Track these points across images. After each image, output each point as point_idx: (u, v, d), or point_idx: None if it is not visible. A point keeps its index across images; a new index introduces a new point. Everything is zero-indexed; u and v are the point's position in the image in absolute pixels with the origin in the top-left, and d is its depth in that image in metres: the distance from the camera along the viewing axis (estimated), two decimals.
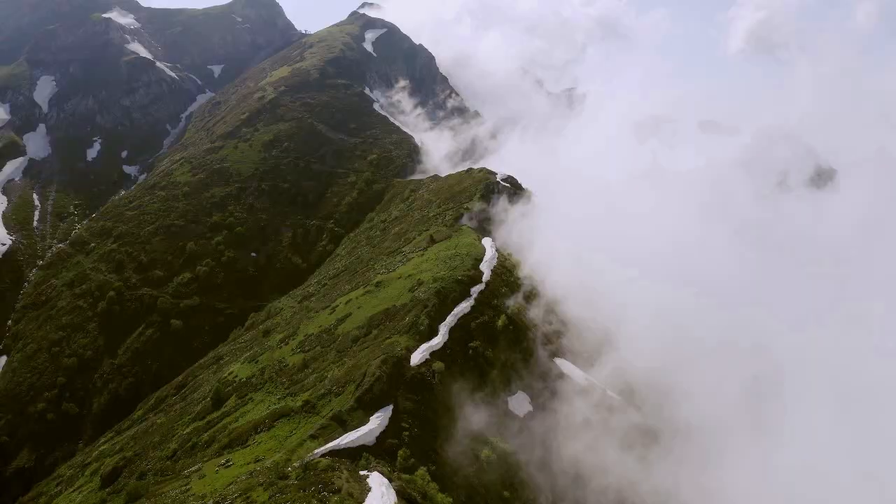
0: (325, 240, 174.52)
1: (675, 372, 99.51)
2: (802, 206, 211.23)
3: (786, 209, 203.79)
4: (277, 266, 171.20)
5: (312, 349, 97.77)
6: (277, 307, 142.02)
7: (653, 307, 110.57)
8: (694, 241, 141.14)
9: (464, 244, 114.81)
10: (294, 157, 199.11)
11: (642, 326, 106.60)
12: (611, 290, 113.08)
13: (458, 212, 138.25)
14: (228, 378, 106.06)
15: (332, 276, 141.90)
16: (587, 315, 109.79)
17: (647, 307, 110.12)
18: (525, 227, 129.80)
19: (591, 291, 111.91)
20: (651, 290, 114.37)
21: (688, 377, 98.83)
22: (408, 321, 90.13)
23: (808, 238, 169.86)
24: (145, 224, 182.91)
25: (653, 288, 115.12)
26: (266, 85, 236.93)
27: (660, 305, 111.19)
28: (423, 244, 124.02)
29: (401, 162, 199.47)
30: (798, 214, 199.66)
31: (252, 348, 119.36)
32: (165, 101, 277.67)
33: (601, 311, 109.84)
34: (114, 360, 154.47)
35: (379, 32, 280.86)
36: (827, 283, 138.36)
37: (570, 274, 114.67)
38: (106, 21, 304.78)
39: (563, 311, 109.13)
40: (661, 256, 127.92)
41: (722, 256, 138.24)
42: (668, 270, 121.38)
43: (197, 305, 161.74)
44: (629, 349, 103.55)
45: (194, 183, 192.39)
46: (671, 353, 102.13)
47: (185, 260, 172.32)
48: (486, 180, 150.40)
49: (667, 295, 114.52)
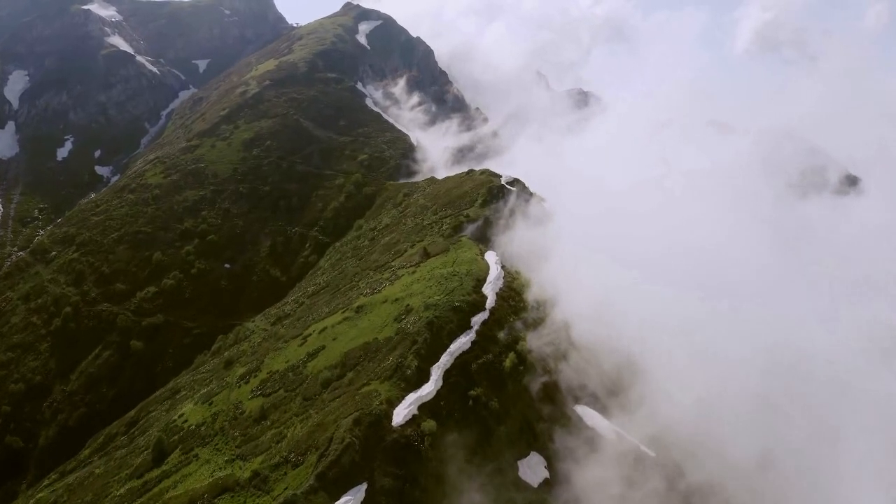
0: (308, 250, 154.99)
1: (718, 408, 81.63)
2: (822, 210, 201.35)
3: (804, 212, 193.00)
4: (254, 279, 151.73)
5: (275, 392, 78.89)
6: (248, 329, 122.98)
7: (682, 326, 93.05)
8: (720, 247, 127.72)
9: (463, 260, 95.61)
10: (277, 156, 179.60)
11: (670, 350, 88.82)
12: (634, 307, 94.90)
13: (456, 220, 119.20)
14: (177, 422, 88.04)
15: (312, 293, 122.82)
16: (609, 341, 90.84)
17: (676, 328, 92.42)
18: (535, 238, 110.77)
19: (611, 311, 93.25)
20: (679, 305, 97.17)
21: (733, 415, 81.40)
22: (391, 362, 71.12)
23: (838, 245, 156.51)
24: (110, 231, 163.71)
25: (681, 302, 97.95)
26: (250, 79, 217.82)
27: (689, 321, 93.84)
28: (415, 258, 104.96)
29: (394, 163, 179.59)
30: (820, 218, 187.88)
31: (211, 382, 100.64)
32: (145, 96, 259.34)
33: (624, 334, 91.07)
34: (65, 387, 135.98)
35: (374, 24, 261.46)
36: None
37: (588, 293, 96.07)
38: (85, 12, 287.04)
39: (580, 337, 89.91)
40: (687, 265, 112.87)
41: (756, 264, 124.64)
42: (695, 280, 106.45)
43: (161, 324, 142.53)
44: (659, 382, 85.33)
45: (166, 185, 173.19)
46: (708, 383, 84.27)
47: (150, 272, 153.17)
48: (489, 183, 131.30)
49: (697, 310, 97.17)
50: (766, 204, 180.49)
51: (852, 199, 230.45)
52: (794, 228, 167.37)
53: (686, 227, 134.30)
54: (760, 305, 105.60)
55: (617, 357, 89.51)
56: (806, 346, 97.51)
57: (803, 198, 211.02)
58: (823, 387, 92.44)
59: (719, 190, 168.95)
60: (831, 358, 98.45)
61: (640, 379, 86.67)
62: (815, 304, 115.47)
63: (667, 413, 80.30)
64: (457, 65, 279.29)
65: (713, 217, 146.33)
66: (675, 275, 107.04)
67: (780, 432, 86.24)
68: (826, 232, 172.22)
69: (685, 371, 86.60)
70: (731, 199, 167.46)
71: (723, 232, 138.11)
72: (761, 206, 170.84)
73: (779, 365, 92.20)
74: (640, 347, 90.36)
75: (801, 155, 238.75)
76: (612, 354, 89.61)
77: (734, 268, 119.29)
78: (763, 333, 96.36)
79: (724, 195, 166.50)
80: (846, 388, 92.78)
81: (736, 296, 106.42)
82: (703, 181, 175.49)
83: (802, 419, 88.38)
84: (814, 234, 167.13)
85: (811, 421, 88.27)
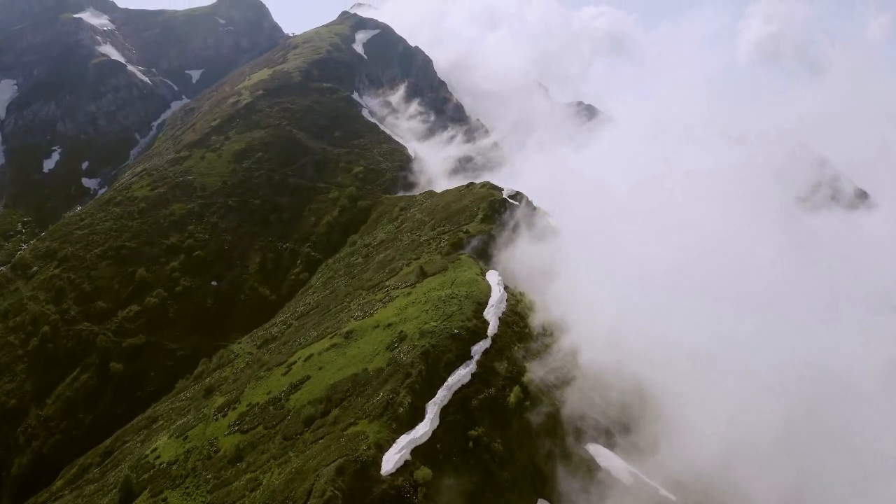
0: (299, 266, 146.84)
1: (743, 443, 74.04)
2: (834, 223, 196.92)
3: (815, 224, 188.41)
4: (242, 298, 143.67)
5: (253, 429, 71.01)
6: (232, 353, 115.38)
7: (701, 347, 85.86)
8: (735, 260, 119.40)
9: (463, 281, 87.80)
10: (268, 169, 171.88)
11: (690, 376, 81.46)
12: (649, 328, 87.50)
13: (455, 236, 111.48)
14: (149, 458, 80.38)
15: (301, 314, 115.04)
16: (622, 368, 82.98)
17: (695, 350, 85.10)
18: (540, 255, 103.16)
19: (624, 334, 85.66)
20: (697, 324, 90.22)
21: (760, 449, 73.85)
22: (381, 398, 63.24)
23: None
24: (94, 246, 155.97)
25: (699, 320, 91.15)
26: (242, 89, 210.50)
27: (709, 342, 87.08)
28: (411, 278, 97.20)
29: (391, 175, 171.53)
30: (832, 231, 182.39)
31: (188, 412, 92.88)
32: (135, 107, 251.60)
33: (639, 359, 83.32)
34: (41, 412, 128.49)
35: (371, 33, 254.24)
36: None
37: (598, 315, 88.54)
38: (76, 21, 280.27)
39: (591, 365, 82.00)
40: (702, 279, 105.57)
41: (773, 277, 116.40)
42: (712, 295, 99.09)
43: (142, 345, 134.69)
44: (678, 414, 77.74)
45: (152, 198, 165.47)
46: (732, 413, 76.83)
47: (133, 289, 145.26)
48: (491, 197, 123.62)
49: (717, 328, 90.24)
50: (778, 216, 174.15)
51: (863, 212, 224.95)
52: (807, 241, 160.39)
53: (698, 239, 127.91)
54: (783, 321, 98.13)
55: (631, 386, 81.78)
56: (836, 367, 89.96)
57: (814, 210, 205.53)
58: (856, 412, 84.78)
59: (731, 203, 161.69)
60: (863, 379, 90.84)
61: (658, 411, 78.98)
62: (838, 319, 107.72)
63: (687, 450, 72.46)
64: (456, 74, 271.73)
65: (726, 229, 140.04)
66: (690, 291, 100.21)
67: (811, 468, 78.62)
68: (839, 245, 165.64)
69: (706, 399, 79.06)
70: (744, 210, 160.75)
71: (736, 245, 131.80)
72: (773, 218, 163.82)
73: (808, 390, 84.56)
74: (656, 374, 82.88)
75: (810, 166, 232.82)
76: (626, 383, 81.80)
77: (751, 283, 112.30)
78: (789, 353, 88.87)
79: (735, 207, 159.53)
80: (882, 412, 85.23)
81: (756, 312, 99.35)
82: (713, 193, 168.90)
83: (835, 452, 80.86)
84: (827, 247, 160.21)
85: (845, 454, 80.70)
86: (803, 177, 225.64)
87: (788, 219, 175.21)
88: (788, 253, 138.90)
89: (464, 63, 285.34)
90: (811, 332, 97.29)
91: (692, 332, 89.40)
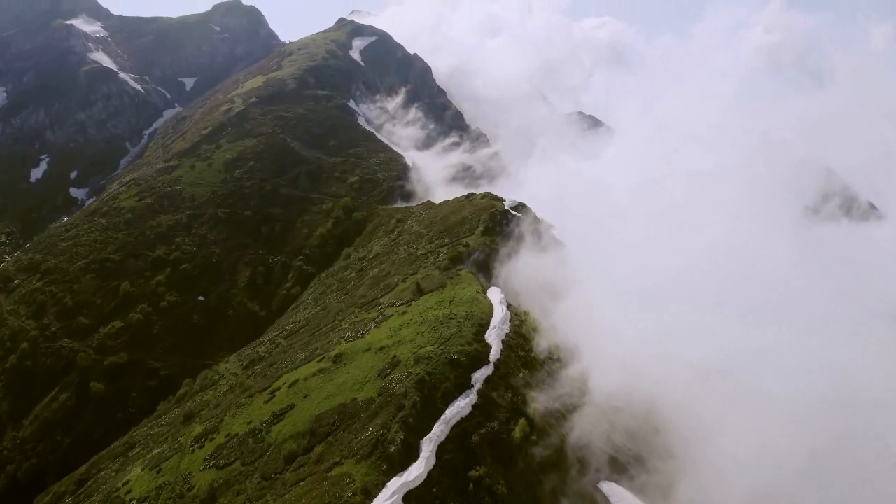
0: (291, 281, 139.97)
1: (776, 479, 67.18)
2: (846, 234, 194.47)
3: (827, 235, 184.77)
4: (230, 313, 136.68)
5: (230, 465, 64.11)
6: (217, 374, 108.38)
7: (725, 366, 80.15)
8: (752, 270, 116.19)
9: (462, 299, 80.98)
10: (260, 178, 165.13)
11: (713, 400, 74.77)
12: (666, 347, 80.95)
13: (455, 250, 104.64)
14: (120, 493, 73.94)
15: (290, 332, 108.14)
16: (639, 394, 76.06)
17: (718, 369, 78.91)
18: (545, 271, 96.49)
19: (640, 356, 78.94)
20: (718, 339, 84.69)
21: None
22: (371, 434, 56.36)
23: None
24: (77, 258, 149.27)
25: (720, 334, 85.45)
26: (235, 96, 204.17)
27: (733, 359, 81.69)
28: (406, 295, 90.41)
29: (387, 185, 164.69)
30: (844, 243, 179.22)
31: (166, 439, 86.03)
32: (127, 115, 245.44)
33: (657, 384, 76.49)
34: (17, 433, 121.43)
35: (368, 40, 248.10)
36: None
37: (611, 335, 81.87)
38: (67, 27, 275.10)
39: (604, 393, 75.06)
40: (719, 291, 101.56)
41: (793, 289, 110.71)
42: (731, 308, 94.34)
43: (125, 364, 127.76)
44: (702, 445, 70.97)
45: (139, 209, 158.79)
46: (763, 442, 69.92)
47: (117, 304, 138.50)
48: (492, 208, 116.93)
49: (741, 343, 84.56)
50: (789, 225, 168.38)
51: (874, 223, 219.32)
52: (820, 251, 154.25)
53: (709, 250, 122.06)
54: (804, 335, 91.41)
55: (646, 413, 74.94)
56: (861, 384, 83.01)
57: (825, 220, 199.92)
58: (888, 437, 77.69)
59: (742, 212, 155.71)
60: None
61: (676, 441, 72.19)
62: (861, 332, 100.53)
63: (712, 488, 65.56)
64: (456, 82, 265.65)
65: (737, 239, 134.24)
66: (704, 305, 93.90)
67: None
68: (852, 256, 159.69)
69: (733, 426, 72.35)
70: (755, 219, 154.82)
71: (749, 255, 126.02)
72: (785, 228, 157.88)
73: (834, 412, 77.56)
74: (673, 397, 76.10)
75: (818, 175, 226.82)
76: (641, 410, 74.94)
77: (766, 295, 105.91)
78: (813, 372, 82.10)
79: (746, 216, 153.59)
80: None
81: (775, 325, 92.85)
82: (722, 202, 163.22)
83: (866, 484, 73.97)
84: (840, 258, 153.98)
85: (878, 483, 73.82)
86: (812, 186, 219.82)
87: (800, 229, 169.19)
88: (803, 264, 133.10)
89: (464, 71, 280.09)
90: (832, 346, 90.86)
91: (710, 351, 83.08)
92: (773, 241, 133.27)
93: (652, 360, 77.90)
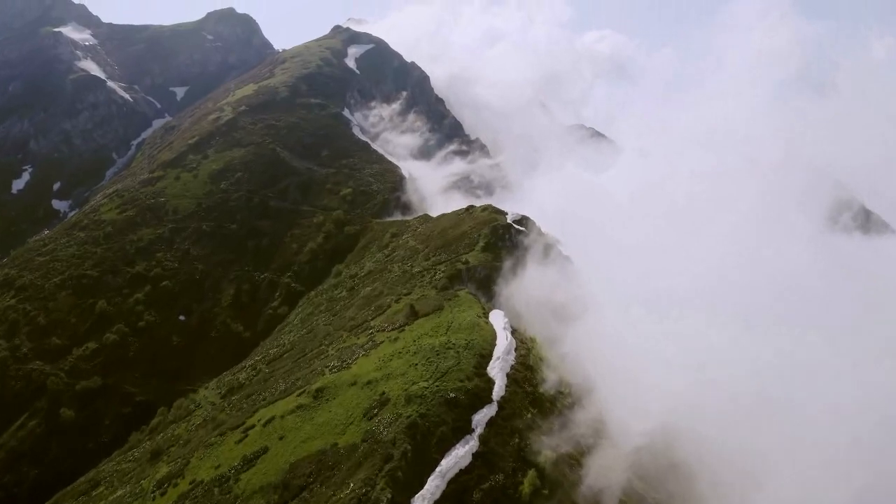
0: (278, 300, 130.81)
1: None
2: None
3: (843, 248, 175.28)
4: (212, 334, 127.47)
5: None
6: (194, 402, 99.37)
7: (761, 390, 72.15)
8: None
9: (461, 324, 71.89)
10: (247, 190, 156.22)
11: (751, 434, 66.25)
12: (693, 374, 72.19)
13: (453, 267, 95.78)
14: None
15: (273, 357, 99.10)
16: (666, 430, 66.79)
17: (753, 396, 70.94)
18: (553, 290, 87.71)
19: (663, 387, 69.98)
20: (749, 358, 76.97)
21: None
22: (353, 491, 47.25)
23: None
24: (53, 274, 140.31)
25: (750, 353, 77.80)
26: (225, 105, 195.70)
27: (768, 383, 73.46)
28: (399, 318, 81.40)
29: (382, 198, 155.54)
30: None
31: (131, 478, 76.83)
32: (114, 125, 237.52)
33: (685, 417, 67.45)
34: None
35: (365, 48, 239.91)
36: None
37: (629, 363, 73.09)
38: (55, 35, 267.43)
39: (624, 432, 65.89)
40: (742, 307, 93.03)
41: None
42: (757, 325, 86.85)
43: (98, 389, 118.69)
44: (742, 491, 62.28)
45: (120, 222, 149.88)
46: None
47: (92, 323, 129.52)
48: (493, 222, 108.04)
49: (773, 366, 76.00)
50: (809, 239, 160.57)
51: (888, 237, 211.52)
52: (841, 264, 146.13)
53: (724, 263, 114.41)
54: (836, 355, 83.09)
55: (675, 454, 65.83)
56: None
57: (843, 232, 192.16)
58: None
59: (757, 225, 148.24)
60: None
61: (708, 487, 63.18)
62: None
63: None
64: (456, 92, 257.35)
65: (755, 250, 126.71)
66: (734, 317, 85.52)
67: None
68: (870, 269, 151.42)
69: (772, 467, 63.63)
70: (771, 231, 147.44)
71: (767, 268, 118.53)
72: (808, 241, 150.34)
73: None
74: (707, 431, 67.11)
75: (828, 188, 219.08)
76: (669, 451, 65.79)
77: (800, 305, 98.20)
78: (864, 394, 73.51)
79: (762, 229, 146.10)
80: None
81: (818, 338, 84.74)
82: (734, 214, 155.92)
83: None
84: (861, 271, 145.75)
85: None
86: (824, 198, 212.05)
87: (825, 243, 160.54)
88: (830, 275, 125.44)
89: (463, 81, 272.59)
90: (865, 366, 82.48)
91: (743, 371, 74.41)
92: (799, 254, 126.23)
93: (678, 387, 69.07)
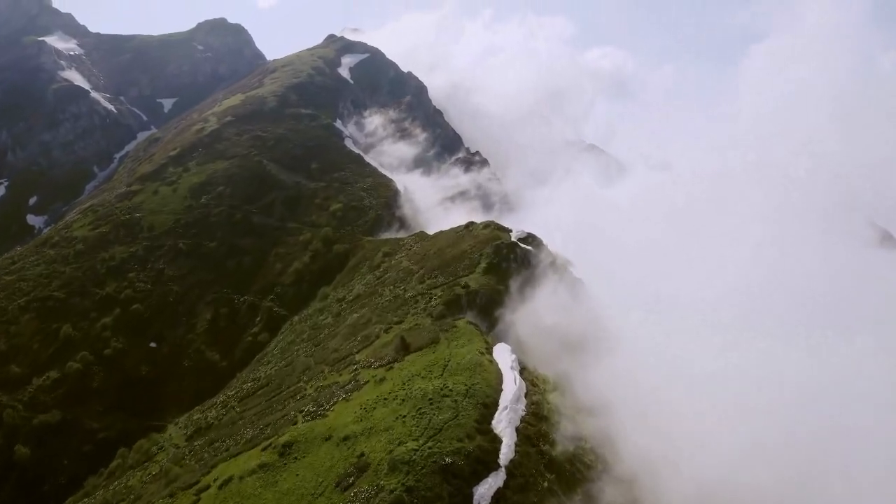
0: (259, 325, 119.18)
1: None
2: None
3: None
4: (185, 364, 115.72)
5: None
6: (156, 443, 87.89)
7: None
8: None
9: (460, 363, 60.29)
10: (229, 205, 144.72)
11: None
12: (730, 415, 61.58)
13: (451, 291, 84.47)
14: None
15: (246, 394, 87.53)
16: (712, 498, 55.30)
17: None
18: (564, 319, 76.40)
19: (702, 438, 58.77)
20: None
21: None
22: None
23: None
24: (18, 295, 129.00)
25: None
26: (210, 115, 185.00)
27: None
28: (388, 352, 69.91)
29: (374, 214, 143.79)
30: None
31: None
32: (96, 137, 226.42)
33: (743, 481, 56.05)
34: None
35: (359, 57, 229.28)
36: None
37: (661, 407, 61.79)
38: (38, 44, 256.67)
39: (658, 494, 54.32)
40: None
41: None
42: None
43: (57, 424, 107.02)
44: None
45: (91, 239, 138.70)
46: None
47: (55, 350, 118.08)
48: (496, 241, 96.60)
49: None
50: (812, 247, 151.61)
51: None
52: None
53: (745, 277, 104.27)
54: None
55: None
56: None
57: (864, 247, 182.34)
58: None
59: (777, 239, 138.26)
60: None
61: None
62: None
63: None
64: (455, 103, 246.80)
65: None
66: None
67: None
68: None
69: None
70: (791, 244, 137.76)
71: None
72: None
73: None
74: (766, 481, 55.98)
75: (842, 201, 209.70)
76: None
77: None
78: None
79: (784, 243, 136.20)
80: None
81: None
82: (748, 227, 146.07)
83: None
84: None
85: None
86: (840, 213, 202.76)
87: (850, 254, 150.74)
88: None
89: (464, 92, 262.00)
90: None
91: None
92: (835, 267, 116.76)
93: (724, 442, 57.85)
